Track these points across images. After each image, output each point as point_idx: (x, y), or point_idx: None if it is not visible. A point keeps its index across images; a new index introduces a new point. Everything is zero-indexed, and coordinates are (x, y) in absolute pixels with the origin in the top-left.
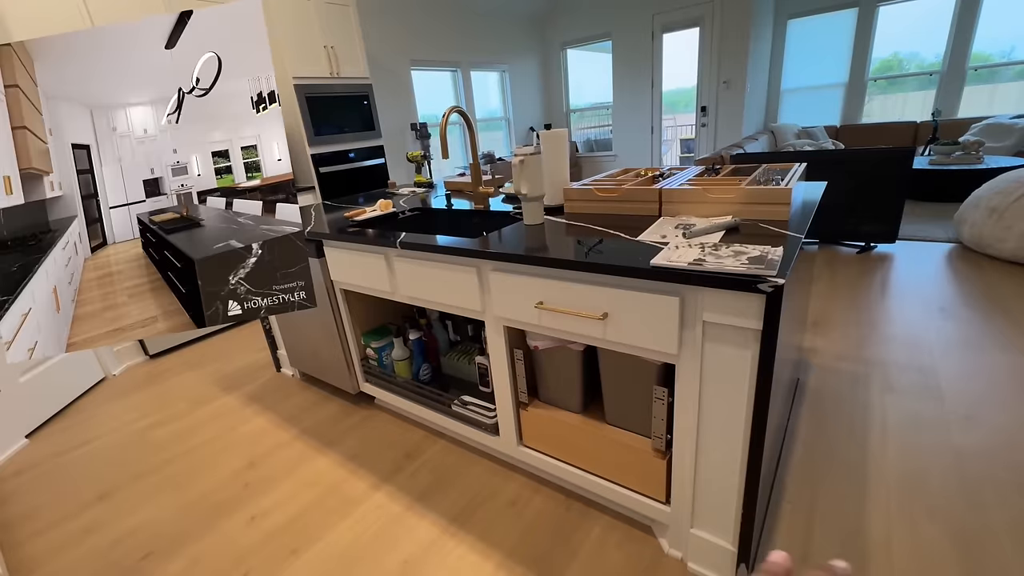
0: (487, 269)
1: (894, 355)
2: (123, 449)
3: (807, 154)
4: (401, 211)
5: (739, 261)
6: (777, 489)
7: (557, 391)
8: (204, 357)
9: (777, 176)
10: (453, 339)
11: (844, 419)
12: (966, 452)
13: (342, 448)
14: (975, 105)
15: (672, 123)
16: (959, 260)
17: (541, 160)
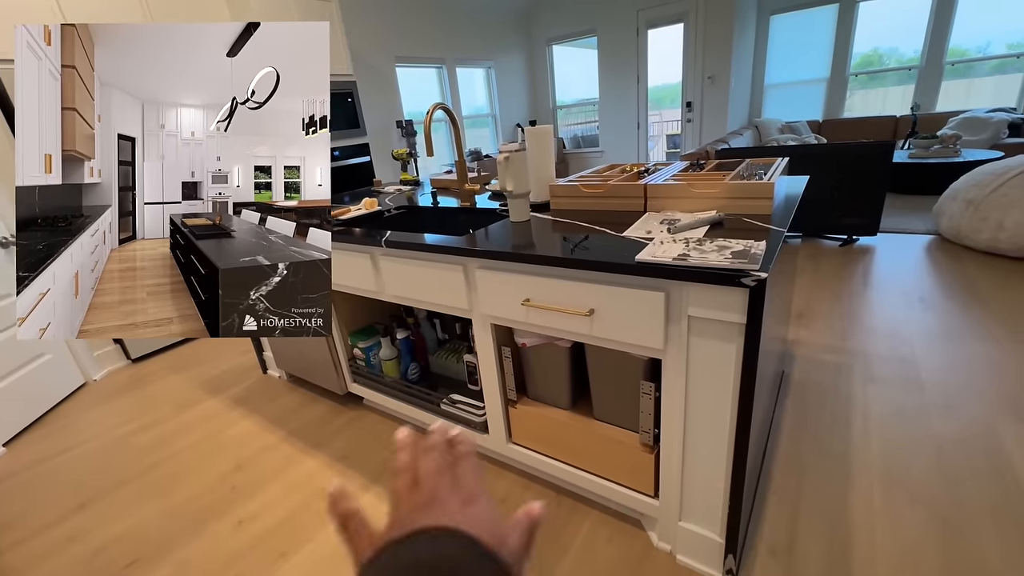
0: (473, 267)
1: (876, 346)
2: (105, 455)
3: (790, 148)
4: (387, 209)
5: (723, 256)
6: (764, 480)
7: (545, 388)
8: (188, 360)
9: (760, 171)
10: (441, 337)
11: (828, 410)
12: (946, 441)
13: (330, 449)
14: (952, 99)
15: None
16: (938, 251)
17: (526, 157)
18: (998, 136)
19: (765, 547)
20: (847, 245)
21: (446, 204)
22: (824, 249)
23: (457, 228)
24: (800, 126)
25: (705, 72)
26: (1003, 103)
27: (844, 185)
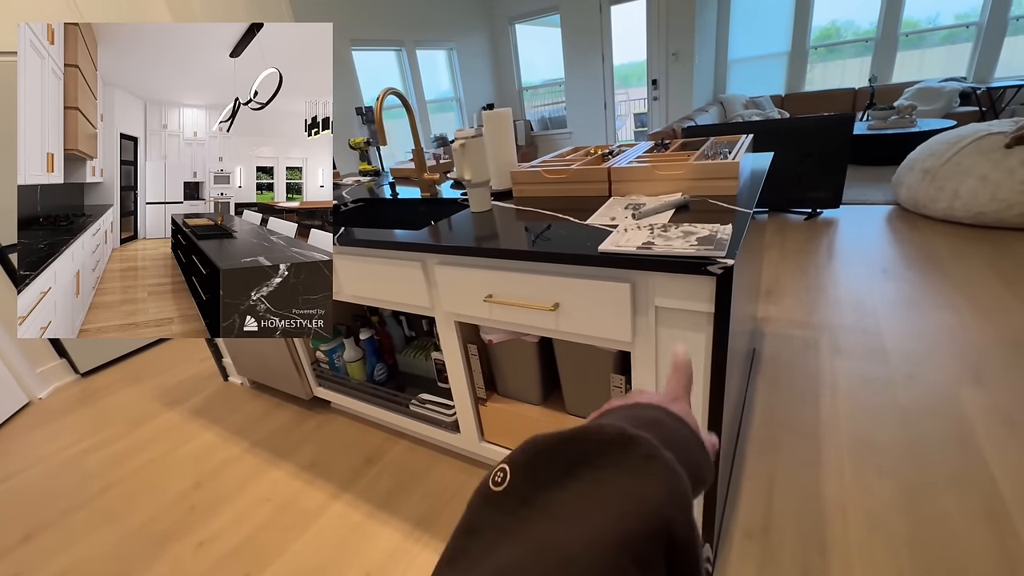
0: (432, 263)
1: (842, 318)
2: (51, 481)
3: (753, 124)
4: (343, 203)
5: (688, 243)
6: (737, 463)
7: (515, 384)
8: (143, 371)
9: (725, 149)
10: (408, 334)
11: (797, 386)
12: (911, 410)
13: (297, 458)
14: (907, 70)
15: (625, 97)
16: (898, 221)
17: (484, 143)
18: (950, 105)
19: (740, 531)
20: (811, 219)
21: (407, 195)
22: (790, 223)
23: (417, 221)
24: (764, 101)
25: (669, 48)
26: (953, 72)
27: (807, 159)
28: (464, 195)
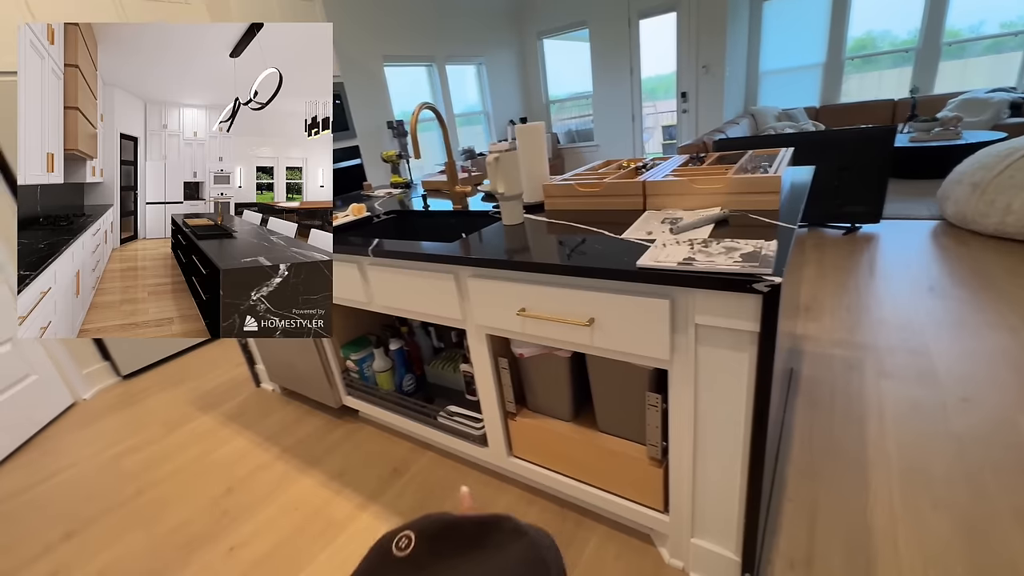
0: (465, 275)
1: (887, 338)
2: (92, 481)
3: (789, 137)
4: (376, 215)
5: (731, 259)
6: (778, 487)
7: (546, 399)
8: (180, 375)
9: (764, 163)
10: (437, 346)
11: (840, 408)
12: (965, 437)
13: (326, 466)
14: (950, 81)
15: (653, 110)
16: (944, 237)
17: (517, 156)
18: (999, 116)
19: (783, 561)
20: (850, 233)
21: (438, 207)
22: (827, 238)
23: (449, 232)
24: (797, 113)
25: (699, 61)
26: (1000, 83)
27: (845, 172)
28: (495, 207)
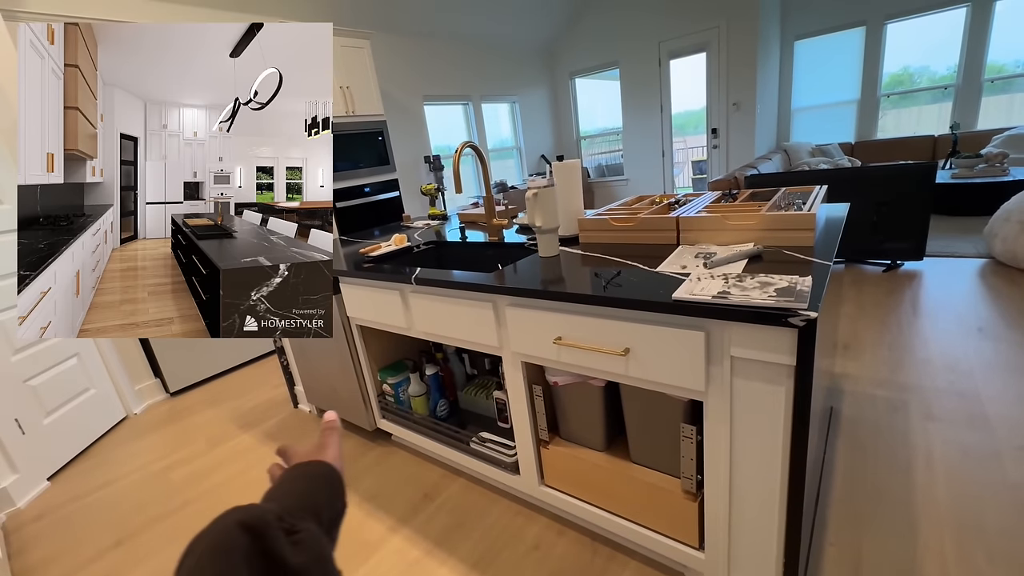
0: (503, 304)
1: (932, 379)
2: (142, 491)
3: (824, 173)
4: (416, 245)
5: (766, 293)
6: (818, 530)
7: (579, 428)
8: (222, 393)
9: (798, 200)
10: (470, 372)
11: (884, 450)
12: (1023, 487)
13: (359, 488)
14: (993, 117)
15: (683, 145)
16: (993, 276)
17: (555, 192)
18: None
19: None
20: (891, 270)
21: (474, 238)
22: (867, 275)
23: (486, 263)
24: (832, 149)
25: (730, 99)
26: None
27: (884, 208)
28: (530, 239)
